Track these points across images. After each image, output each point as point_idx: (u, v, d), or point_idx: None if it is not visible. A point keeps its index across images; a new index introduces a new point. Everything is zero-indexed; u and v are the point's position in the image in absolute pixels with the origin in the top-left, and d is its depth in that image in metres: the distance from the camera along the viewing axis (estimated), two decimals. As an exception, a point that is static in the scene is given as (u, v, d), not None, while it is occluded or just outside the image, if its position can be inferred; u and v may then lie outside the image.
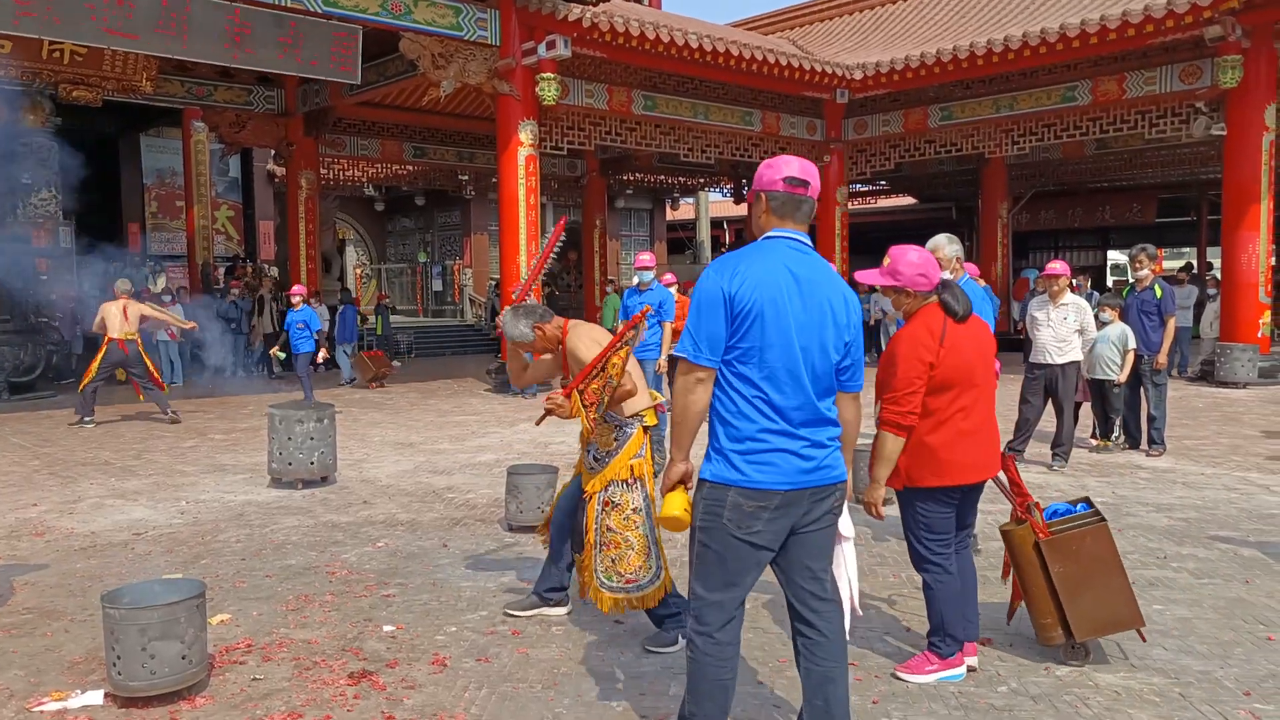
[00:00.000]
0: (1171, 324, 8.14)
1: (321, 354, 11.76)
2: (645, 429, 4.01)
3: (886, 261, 3.59)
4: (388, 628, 4.19)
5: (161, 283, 20.42)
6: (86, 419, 10.34)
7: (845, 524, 2.92)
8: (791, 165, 2.77)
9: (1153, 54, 13.54)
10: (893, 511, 6.29)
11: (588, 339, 4.06)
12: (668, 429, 2.84)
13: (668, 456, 2.83)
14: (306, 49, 12.06)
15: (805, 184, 2.73)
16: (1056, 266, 7.51)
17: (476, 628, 4.19)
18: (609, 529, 3.89)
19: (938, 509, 3.58)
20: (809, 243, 2.77)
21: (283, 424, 6.97)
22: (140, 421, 10.82)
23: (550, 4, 12.55)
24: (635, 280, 8.71)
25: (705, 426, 2.81)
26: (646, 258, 8.63)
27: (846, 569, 2.94)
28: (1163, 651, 3.83)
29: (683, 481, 2.76)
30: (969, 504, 3.73)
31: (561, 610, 4.30)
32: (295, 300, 11.91)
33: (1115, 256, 34.79)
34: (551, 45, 12.76)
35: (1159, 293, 8.11)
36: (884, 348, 17.13)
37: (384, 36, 13.33)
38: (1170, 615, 4.23)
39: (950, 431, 3.49)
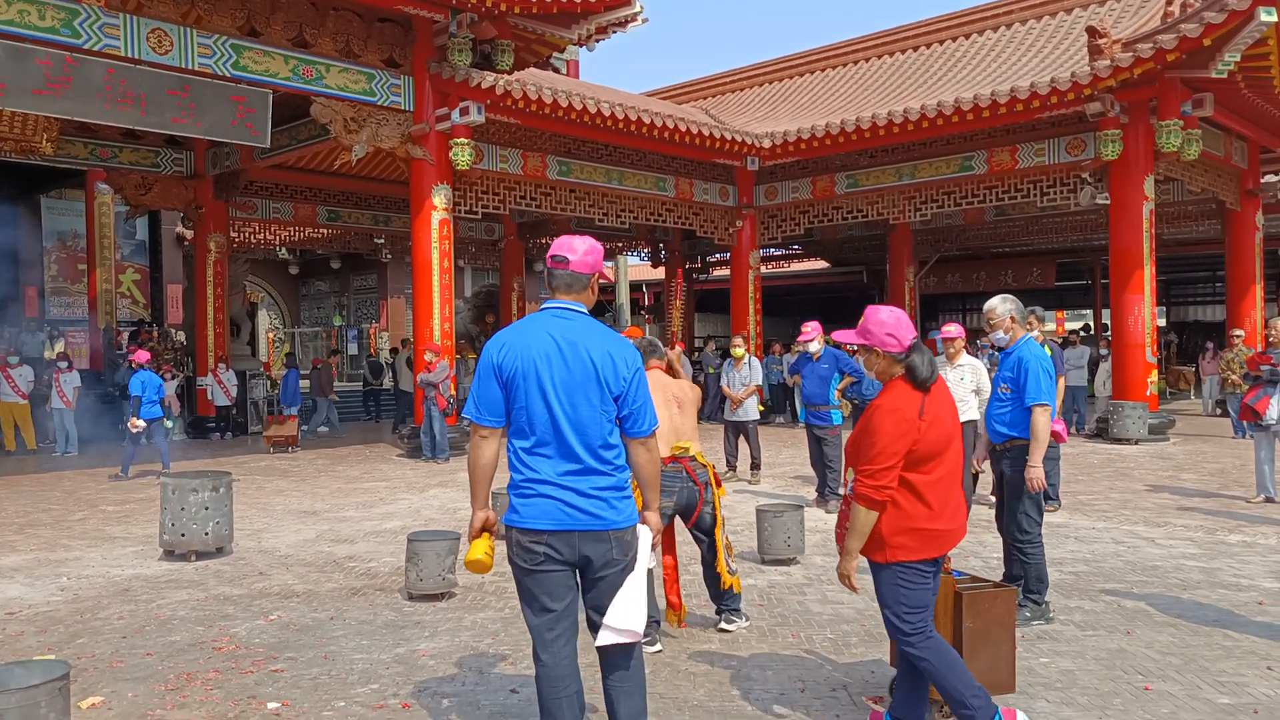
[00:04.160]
0: (1061, 383, 8.48)
1: (131, 424, 11.00)
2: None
3: (861, 321, 3.46)
4: (272, 705, 4.04)
5: (60, 348, 19.68)
6: None
7: (648, 557, 3.11)
8: (557, 245, 3.11)
9: (1041, 127, 14.30)
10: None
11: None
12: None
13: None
14: (215, 112, 11.91)
15: (563, 260, 3.07)
16: (951, 330, 7.79)
17: (366, 702, 4.07)
18: None
19: (923, 580, 3.35)
20: (577, 309, 3.08)
21: (175, 494, 6.73)
22: (27, 494, 10.33)
23: (464, 72, 12.72)
24: None
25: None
26: None
27: (632, 597, 3.04)
28: (1045, 704, 3.91)
29: (485, 529, 3.08)
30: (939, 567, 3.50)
31: None
32: (133, 365, 11.45)
33: (1019, 318, 36.16)
34: (465, 112, 12.89)
35: (1049, 352, 8.43)
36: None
37: (296, 100, 13.30)
38: (1055, 668, 4.34)
39: (935, 501, 3.30)
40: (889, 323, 3.31)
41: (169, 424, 11.19)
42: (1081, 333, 27.29)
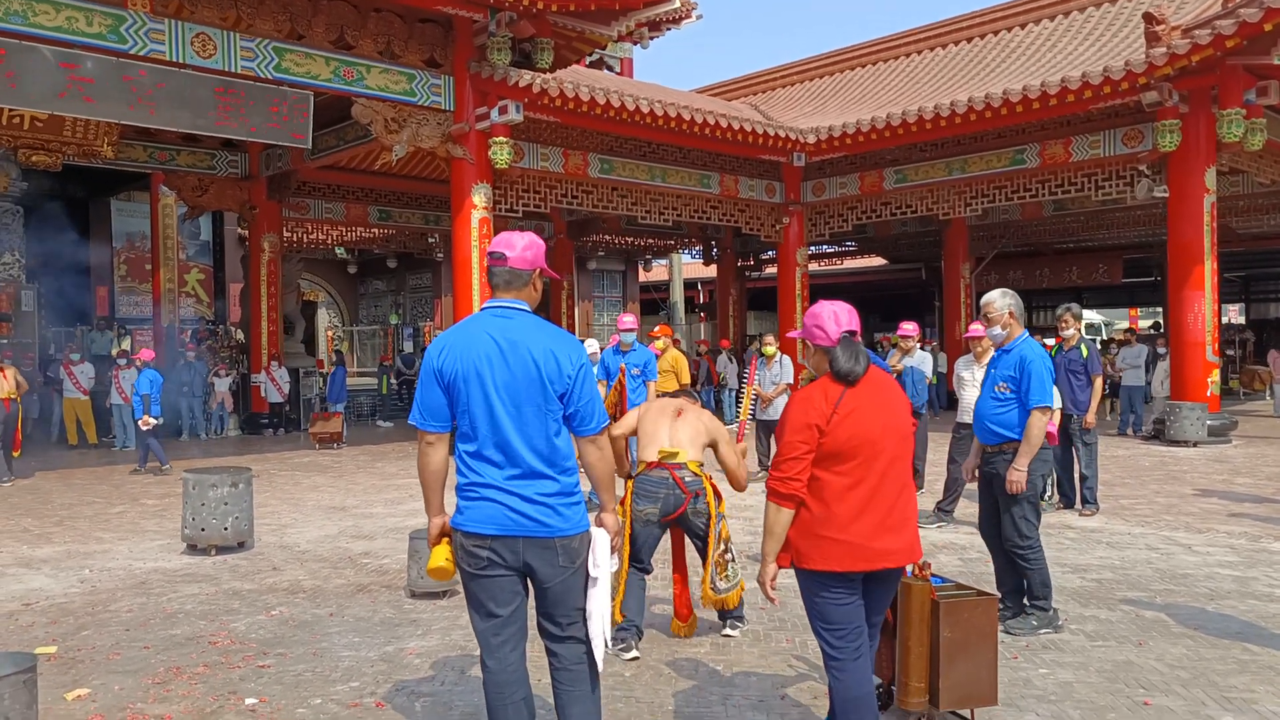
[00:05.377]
0: (1098, 383, 8.16)
1: (143, 421, 11.21)
2: (630, 477, 4.70)
3: None
4: (250, 701, 4.07)
5: (126, 345, 20.33)
6: (4, 479, 10.84)
7: (605, 565, 3.02)
8: (495, 242, 3.04)
9: (1096, 118, 13.81)
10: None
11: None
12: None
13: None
14: (257, 115, 12.17)
15: (501, 257, 3.00)
16: (978, 328, 7.53)
17: (342, 700, 4.08)
18: None
19: (833, 596, 3.09)
20: (519, 306, 3.01)
21: (196, 489, 6.87)
22: (77, 486, 10.67)
23: (503, 71, 12.75)
24: (617, 340, 8.75)
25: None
26: (629, 319, 8.66)
27: (596, 606, 3.01)
28: (1034, 717, 3.74)
29: (443, 535, 3.03)
30: (878, 594, 3.22)
31: None
32: (139, 363, 11.74)
33: (1090, 316, 35.05)
34: (504, 110, 12.93)
35: (1085, 352, 8.14)
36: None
37: (343, 102, 13.49)
38: (1053, 679, 4.15)
39: (845, 508, 3.05)
40: (821, 315, 3.22)
41: (158, 421, 11.48)
42: (1152, 330, 26.45)
